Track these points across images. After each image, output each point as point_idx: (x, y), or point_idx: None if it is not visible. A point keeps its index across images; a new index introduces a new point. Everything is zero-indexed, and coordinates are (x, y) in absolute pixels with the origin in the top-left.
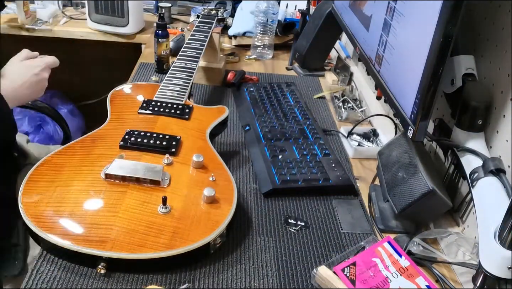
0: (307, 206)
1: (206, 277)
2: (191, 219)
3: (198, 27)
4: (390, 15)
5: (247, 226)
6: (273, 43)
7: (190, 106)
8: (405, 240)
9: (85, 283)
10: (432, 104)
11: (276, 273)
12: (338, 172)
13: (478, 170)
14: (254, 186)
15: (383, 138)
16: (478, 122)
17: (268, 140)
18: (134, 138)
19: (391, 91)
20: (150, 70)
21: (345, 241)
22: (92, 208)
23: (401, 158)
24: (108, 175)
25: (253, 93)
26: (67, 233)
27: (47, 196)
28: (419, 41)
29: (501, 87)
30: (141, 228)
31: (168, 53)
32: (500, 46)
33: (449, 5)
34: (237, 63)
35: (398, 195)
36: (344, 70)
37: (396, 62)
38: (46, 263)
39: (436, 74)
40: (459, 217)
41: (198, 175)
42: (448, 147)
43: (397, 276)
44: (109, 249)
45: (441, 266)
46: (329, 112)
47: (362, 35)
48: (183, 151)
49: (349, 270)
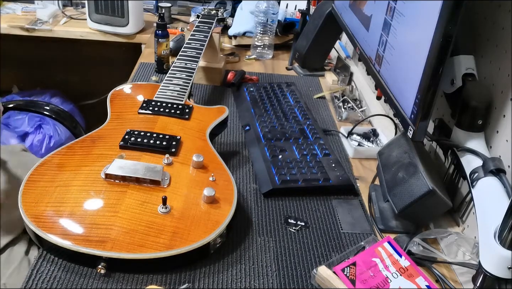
0: (307, 206)
1: (206, 277)
2: (191, 219)
3: (198, 27)
4: (390, 15)
5: (247, 226)
6: (273, 43)
7: (190, 106)
8: (405, 240)
9: (85, 283)
10: (432, 104)
11: (276, 273)
12: (338, 172)
13: (478, 170)
14: (254, 186)
15: (383, 138)
16: (478, 122)
17: (268, 140)
18: (134, 138)
19: (391, 91)
20: (150, 70)
21: (345, 241)
22: (92, 208)
23: (401, 158)
24: (108, 175)
25: (253, 93)
26: (67, 233)
27: (47, 196)
28: (419, 41)
29: (501, 87)
30: (141, 228)
31: (168, 53)
32: (500, 46)
33: (449, 5)
34: (237, 63)
35: (398, 195)
36: (344, 70)
37: (396, 62)
38: (46, 263)
39: (436, 74)
40: (459, 217)
41: (198, 175)
42: (448, 147)
43: (397, 276)
44: (109, 249)
45: (441, 266)
46: (329, 112)
47: (362, 35)
48: (183, 151)
49: (349, 270)
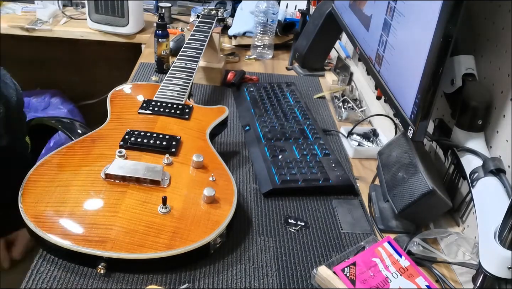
0: (307, 206)
1: (206, 277)
2: (191, 219)
3: (198, 27)
4: (390, 15)
5: (247, 226)
6: (273, 43)
7: (190, 106)
8: (405, 240)
9: (85, 283)
10: (432, 104)
11: (276, 273)
12: (338, 172)
13: (478, 170)
14: (254, 186)
15: (383, 138)
16: (478, 122)
17: (268, 140)
18: (134, 138)
19: (391, 91)
20: (150, 70)
21: (345, 241)
22: (92, 208)
23: (401, 158)
24: (108, 175)
25: (253, 93)
26: (67, 233)
27: (47, 196)
28: (419, 41)
29: (501, 87)
30: (141, 228)
31: (168, 53)
32: (500, 46)
33: (449, 5)
34: (237, 63)
35: (398, 195)
36: (344, 70)
37: (396, 62)
38: (46, 263)
39: (436, 74)
40: (459, 217)
41: (198, 175)
42: (448, 147)
43: (397, 276)
44: (109, 249)
45: (441, 266)
46: (329, 112)
47: (362, 35)
48: (183, 151)
49: (349, 270)
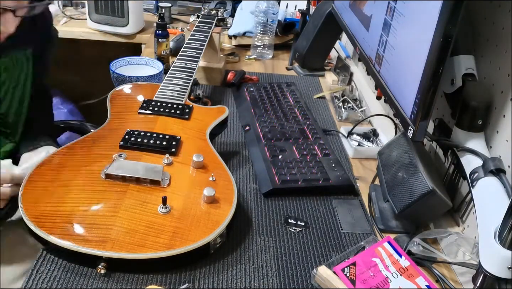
0: (307, 206)
1: (206, 277)
2: (191, 219)
3: (198, 27)
4: (390, 15)
5: (247, 226)
6: (273, 43)
7: (190, 106)
8: (405, 240)
9: (85, 283)
10: (432, 104)
11: (276, 273)
12: (338, 172)
13: (478, 170)
14: (254, 186)
15: (383, 138)
16: (478, 122)
17: (268, 140)
18: (134, 138)
19: (391, 91)
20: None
21: (345, 241)
22: (92, 208)
23: (401, 158)
24: (108, 175)
25: (253, 93)
26: (67, 233)
27: (47, 196)
28: (419, 41)
29: (501, 87)
30: (141, 228)
31: (168, 53)
32: (500, 46)
33: (449, 5)
34: (237, 63)
35: (398, 195)
36: (344, 70)
37: (396, 62)
38: (46, 263)
39: (436, 74)
40: (459, 217)
41: (198, 175)
42: (448, 147)
43: (397, 276)
44: (109, 249)
45: (441, 266)
46: (329, 112)
47: (362, 35)
48: (183, 150)
49: (349, 270)
